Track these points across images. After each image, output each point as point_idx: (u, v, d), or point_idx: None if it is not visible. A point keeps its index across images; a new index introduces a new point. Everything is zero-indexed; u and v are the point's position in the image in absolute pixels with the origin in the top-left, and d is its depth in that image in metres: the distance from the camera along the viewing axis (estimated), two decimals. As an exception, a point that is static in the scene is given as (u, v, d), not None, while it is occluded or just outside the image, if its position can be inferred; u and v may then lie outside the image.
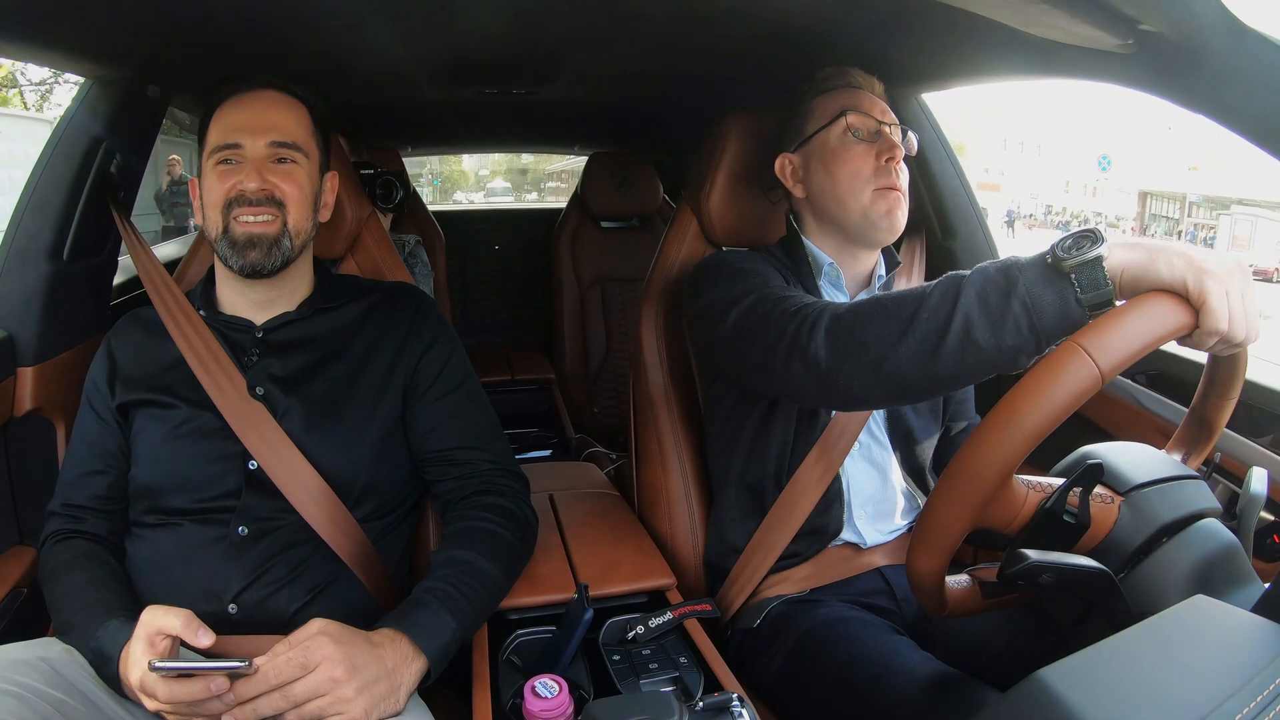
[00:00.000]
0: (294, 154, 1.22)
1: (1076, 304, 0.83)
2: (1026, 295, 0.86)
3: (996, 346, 0.88)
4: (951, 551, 0.85)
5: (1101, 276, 0.82)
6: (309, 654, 0.93)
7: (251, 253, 1.19)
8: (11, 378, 1.38)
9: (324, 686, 0.92)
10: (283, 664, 0.93)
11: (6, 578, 1.30)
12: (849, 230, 1.35)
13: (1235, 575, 0.81)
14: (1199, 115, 1.04)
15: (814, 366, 1.03)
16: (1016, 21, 1.09)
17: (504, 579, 1.18)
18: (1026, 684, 0.58)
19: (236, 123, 1.20)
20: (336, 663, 0.93)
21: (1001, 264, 0.90)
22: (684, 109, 2.59)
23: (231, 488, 1.17)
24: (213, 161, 1.20)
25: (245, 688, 0.93)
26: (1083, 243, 0.83)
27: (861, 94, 1.36)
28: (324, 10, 1.41)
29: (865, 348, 0.98)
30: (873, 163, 1.31)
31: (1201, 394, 0.97)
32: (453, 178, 21.09)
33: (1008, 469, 0.78)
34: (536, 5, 1.46)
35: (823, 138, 1.35)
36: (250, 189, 1.17)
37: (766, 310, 1.15)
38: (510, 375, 3.21)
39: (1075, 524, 0.84)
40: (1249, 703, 0.54)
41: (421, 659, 1.02)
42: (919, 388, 0.97)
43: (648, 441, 1.55)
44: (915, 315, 0.93)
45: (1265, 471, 0.92)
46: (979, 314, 0.88)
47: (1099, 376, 0.74)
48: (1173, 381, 1.43)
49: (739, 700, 0.84)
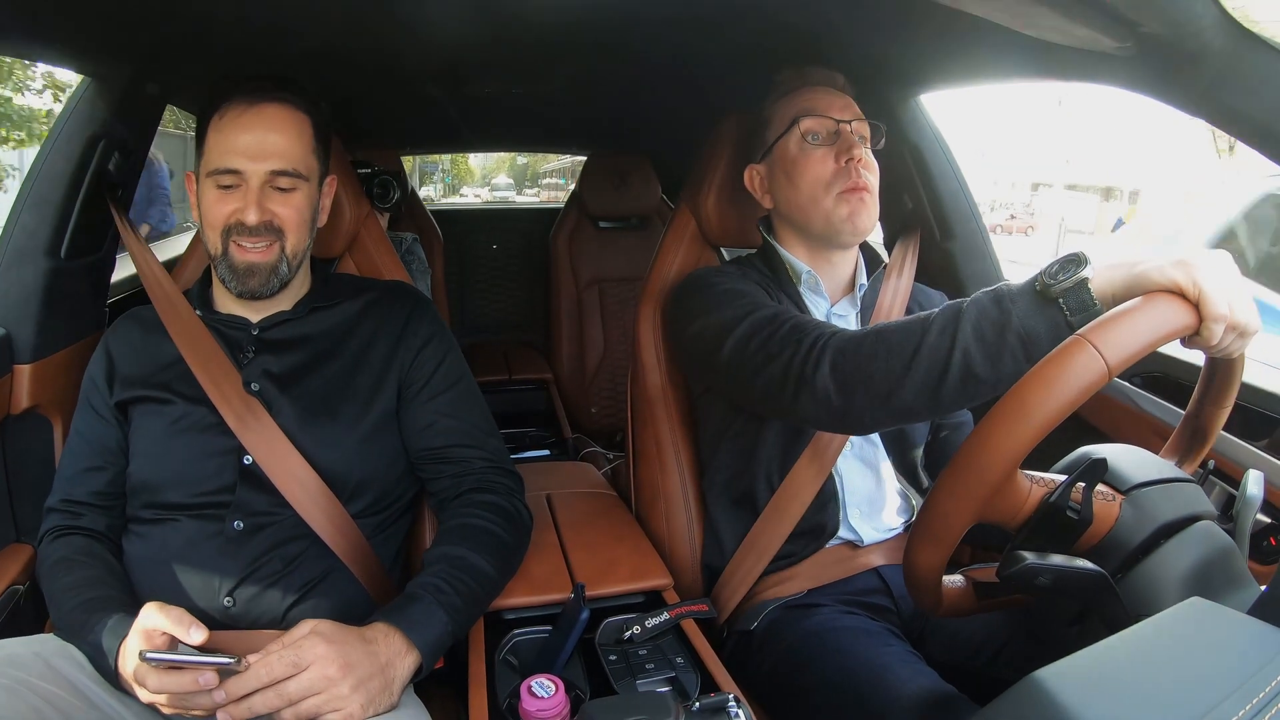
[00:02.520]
0: (295, 180, 1.21)
1: (1068, 327, 0.86)
2: (1020, 326, 0.90)
3: (996, 376, 0.93)
4: (953, 545, 0.85)
5: (1089, 298, 0.87)
6: (301, 653, 0.93)
7: (251, 280, 1.20)
8: (9, 375, 1.38)
9: (318, 684, 0.92)
10: (274, 661, 0.93)
11: (4, 574, 1.30)
12: (816, 236, 1.36)
13: (1231, 578, 0.81)
14: (1198, 118, 1.04)
15: (824, 401, 1.07)
16: (1015, 23, 1.09)
17: (498, 576, 1.18)
18: (1023, 685, 0.58)
19: (238, 145, 1.18)
20: (330, 661, 0.93)
21: (995, 294, 0.94)
22: (682, 110, 2.59)
23: (227, 483, 1.17)
24: (211, 181, 1.19)
25: (236, 685, 0.93)
26: (1069, 266, 0.88)
27: (818, 93, 1.35)
28: (323, 9, 1.41)
29: (872, 382, 1.02)
30: (833, 166, 1.30)
31: (1197, 401, 0.98)
32: (460, 174, 23.09)
33: (1014, 460, 0.78)
34: (536, 5, 1.46)
35: (782, 146, 1.35)
36: (251, 221, 1.17)
37: (765, 340, 1.16)
38: (508, 375, 3.21)
39: (1078, 520, 0.84)
40: (1245, 705, 0.54)
41: (414, 654, 1.02)
42: (927, 415, 1.03)
43: (645, 441, 1.55)
44: (917, 351, 0.97)
45: (1261, 474, 0.92)
46: (976, 347, 0.93)
47: (1106, 371, 0.75)
48: (1170, 384, 1.43)
49: (735, 701, 0.84)
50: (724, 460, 1.43)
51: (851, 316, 1.42)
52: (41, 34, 1.28)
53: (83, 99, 1.46)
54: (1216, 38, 0.94)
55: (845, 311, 1.41)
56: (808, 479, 1.33)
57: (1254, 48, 0.93)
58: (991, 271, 1.81)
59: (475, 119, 2.92)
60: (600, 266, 3.25)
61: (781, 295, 1.36)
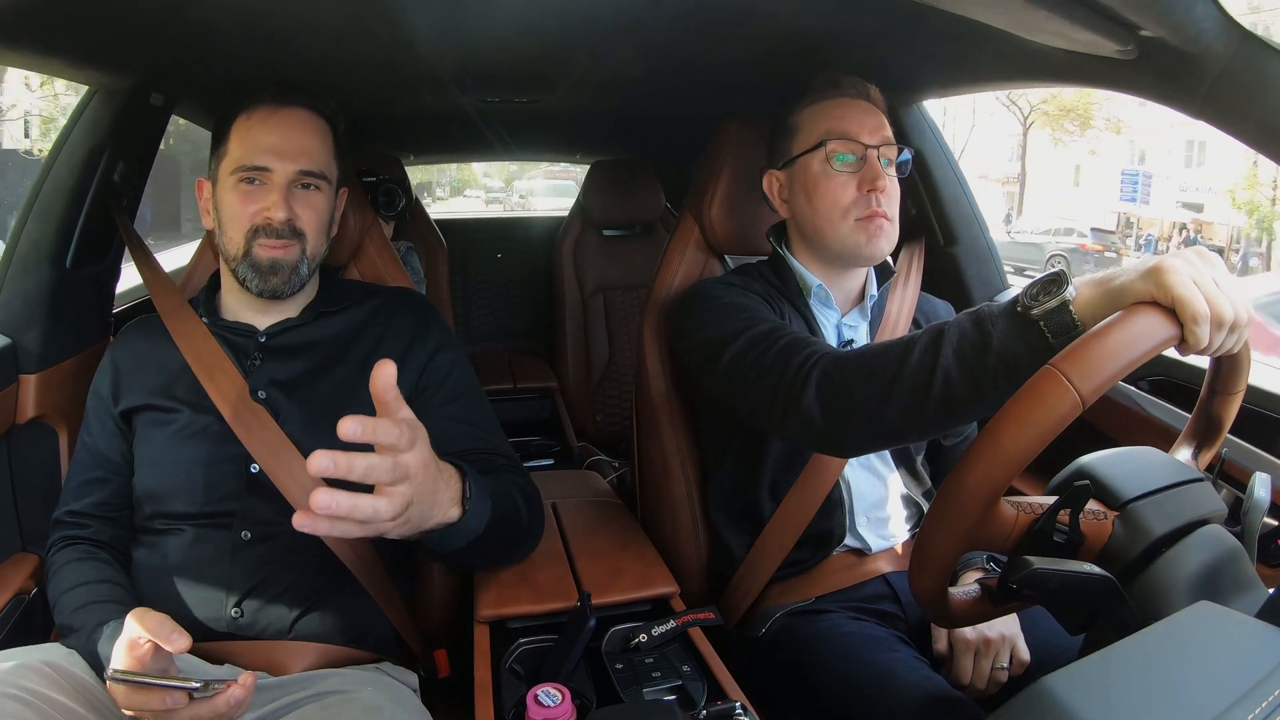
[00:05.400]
0: (319, 181, 1.23)
1: (1049, 350, 0.83)
2: (1000, 349, 0.89)
3: (978, 399, 0.92)
4: (947, 573, 0.85)
5: (1069, 319, 0.85)
6: (417, 433, 0.88)
7: (274, 279, 1.21)
8: (14, 385, 1.39)
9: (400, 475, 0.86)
10: (389, 427, 0.85)
11: (10, 584, 1.31)
12: (831, 254, 1.35)
13: (1239, 581, 0.80)
14: (1201, 121, 1.05)
15: (809, 422, 1.07)
16: (1017, 28, 1.09)
17: (526, 529, 1.19)
18: (1031, 691, 0.58)
19: (266, 144, 1.20)
20: (426, 465, 0.88)
21: (975, 317, 0.93)
22: (685, 116, 2.59)
23: (233, 491, 1.17)
24: (236, 178, 1.20)
25: (202, 709, 0.92)
26: (1050, 288, 0.87)
27: (851, 109, 1.33)
28: (327, 19, 1.42)
29: (855, 406, 1.02)
30: (854, 193, 1.29)
31: (1208, 389, 0.97)
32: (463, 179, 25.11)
33: (992, 496, 0.78)
34: (538, 14, 1.46)
35: (805, 162, 1.33)
36: (278, 219, 1.19)
37: (757, 357, 1.17)
38: (512, 383, 3.20)
39: (1066, 543, 0.84)
40: (1254, 709, 0.54)
41: (457, 510, 0.96)
42: (912, 438, 1.05)
43: (650, 449, 1.55)
44: (899, 375, 0.97)
45: (1269, 477, 0.92)
46: (957, 371, 0.93)
47: (1079, 401, 0.73)
48: (1176, 388, 1.42)
49: (742, 709, 0.84)
50: (729, 470, 1.42)
51: (862, 328, 1.42)
52: (47, 45, 1.29)
53: (87, 109, 1.47)
54: (1218, 40, 0.94)
55: (855, 322, 1.41)
56: (814, 488, 1.33)
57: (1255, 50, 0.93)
58: (995, 274, 1.81)
59: (478, 128, 2.93)
60: (605, 274, 3.25)
61: (787, 306, 1.35)
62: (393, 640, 1.26)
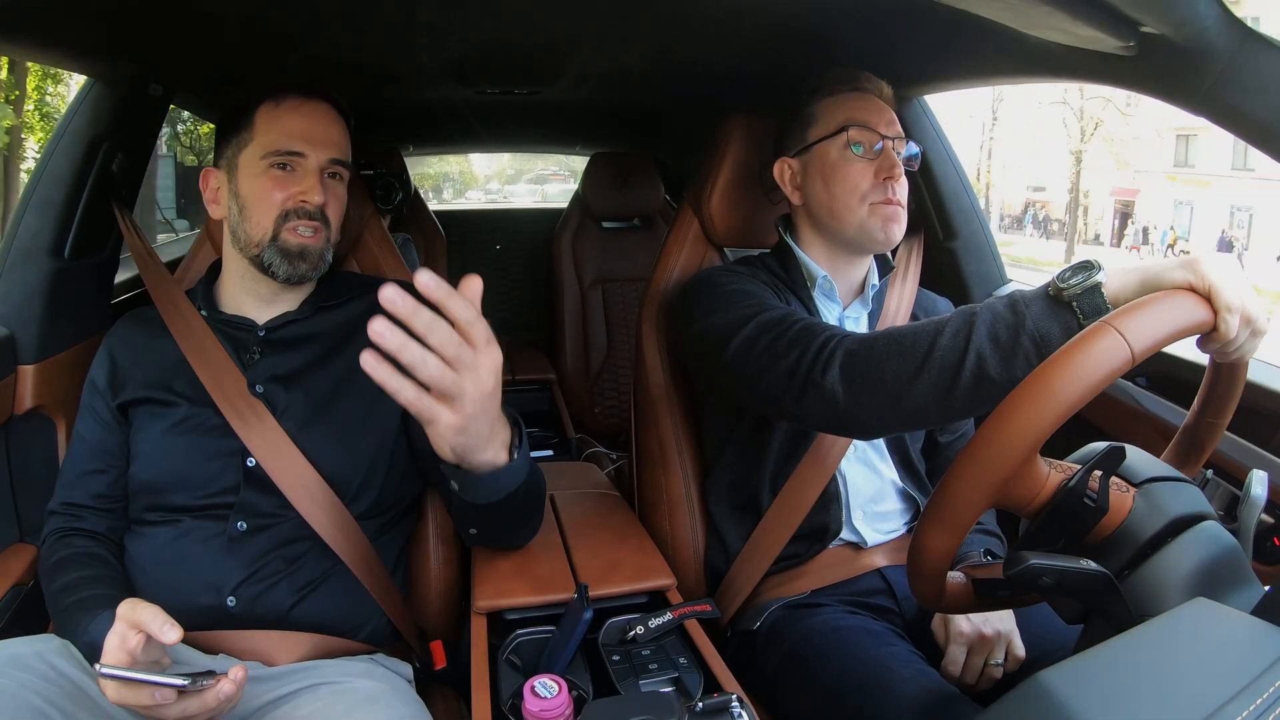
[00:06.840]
0: (343, 171, 1.26)
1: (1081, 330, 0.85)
2: (1034, 329, 0.92)
3: (1009, 379, 0.93)
4: (965, 530, 0.84)
5: (1102, 302, 0.89)
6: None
7: (302, 264, 1.22)
8: (12, 375, 1.39)
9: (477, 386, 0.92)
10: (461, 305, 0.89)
11: (7, 575, 1.31)
12: (844, 241, 1.35)
13: (1235, 578, 0.80)
14: (1201, 117, 1.05)
15: (831, 402, 1.07)
16: (1019, 24, 1.09)
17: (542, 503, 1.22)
18: (1027, 686, 0.58)
19: (299, 130, 1.22)
20: (487, 393, 0.92)
21: (1009, 299, 0.96)
22: (686, 109, 2.59)
23: (230, 484, 1.17)
24: (267, 163, 1.21)
25: (192, 703, 0.94)
26: (1081, 272, 0.90)
27: (867, 102, 1.34)
28: (327, 10, 1.41)
29: (883, 383, 1.02)
30: (871, 179, 1.30)
31: (1196, 413, 0.98)
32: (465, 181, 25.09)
33: (1036, 442, 0.77)
34: (539, 6, 1.46)
35: (823, 149, 1.33)
36: (315, 202, 1.21)
37: (772, 340, 1.17)
38: (511, 375, 3.19)
39: (1095, 507, 0.83)
40: (1249, 705, 0.54)
41: (505, 455, 1.00)
42: (935, 419, 1.03)
43: (649, 442, 1.55)
44: (930, 353, 0.98)
45: (1265, 474, 0.92)
46: (990, 350, 0.94)
47: (1131, 356, 0.75)
48: (1174, 384, 1.43)
49: (738, 701, 0.84)
50: (727, 463, 1.43)
51: (863, 319, 1.42)
52: (46, 35, 1.29)
53: (86, 100, 1.47)
54: (1219, 38, 0.94)
55: (857, 314, 1.42)
56: (811, 482, 1.33)
57: (1257, 48, 0.93)
58: (993, 270, 1.81)
59: (478, 120, 2.92)
60: (604, 267, 3.24)
61: (791, 297, 1.36)
62: (388, 632, 1.26)
